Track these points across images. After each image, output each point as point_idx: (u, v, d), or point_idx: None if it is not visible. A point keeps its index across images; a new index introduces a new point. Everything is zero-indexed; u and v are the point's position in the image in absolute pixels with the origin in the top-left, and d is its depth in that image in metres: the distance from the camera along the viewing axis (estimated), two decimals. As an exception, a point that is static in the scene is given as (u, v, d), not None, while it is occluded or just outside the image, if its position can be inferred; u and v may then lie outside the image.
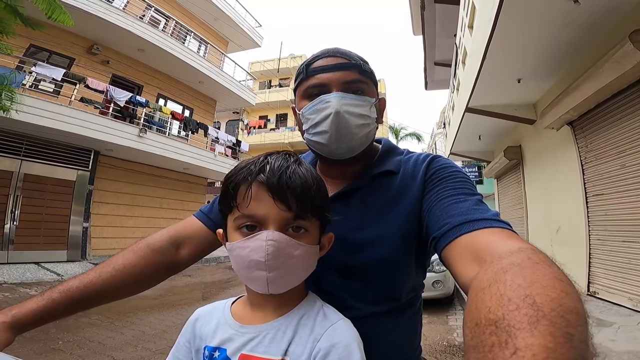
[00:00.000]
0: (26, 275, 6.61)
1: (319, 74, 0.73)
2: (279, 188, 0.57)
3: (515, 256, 0.40)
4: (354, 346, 0.56)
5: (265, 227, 0.57)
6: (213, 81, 12.39)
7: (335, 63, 0.73)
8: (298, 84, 0.78)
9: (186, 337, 0.67)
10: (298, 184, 0.58)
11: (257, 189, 0.57)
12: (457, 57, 7.69)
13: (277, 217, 0.57)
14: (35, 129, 7.39)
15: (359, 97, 0.73)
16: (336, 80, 0.72)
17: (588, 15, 3.73)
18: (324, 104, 0.71)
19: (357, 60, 0.74)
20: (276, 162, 0.60)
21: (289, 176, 0.58)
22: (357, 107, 0.72)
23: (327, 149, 0.74)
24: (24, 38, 7.59)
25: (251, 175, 0.58)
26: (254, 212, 0.57)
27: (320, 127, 0.72)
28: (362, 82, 0.74)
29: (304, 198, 0.58)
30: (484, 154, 10.97)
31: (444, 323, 4.60)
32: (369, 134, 0.75)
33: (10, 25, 5.27)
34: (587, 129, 4.86)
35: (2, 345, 0.61)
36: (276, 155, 0.63)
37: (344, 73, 0.72)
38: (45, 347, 3.28)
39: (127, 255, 0.78)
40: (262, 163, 0.60)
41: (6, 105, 5.64)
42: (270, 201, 0.57)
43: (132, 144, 8.99)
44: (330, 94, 0.71)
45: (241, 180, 0.59)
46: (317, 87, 0.73)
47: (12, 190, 7.55)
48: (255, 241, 0.56)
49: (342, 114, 0.70)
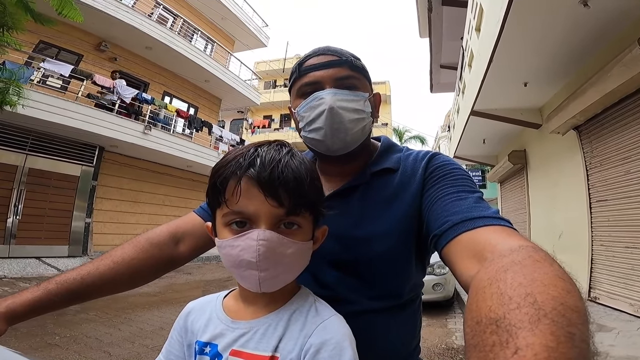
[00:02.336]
0: (27, 269, 6.64)
1: (312, 72, 0.74)
2: (270, 183, 0.53)
3: (516, 254, 0.39)
4: (345, 343, 0.54)
5: (255, 224, 0.55)
6: (219, 80, 12.45)
7: (326, 61, 0.73)
8: (292, 83, 0.78)
9: (178, 331, 0.66)
10: (290, 179, 0.55)
11: (247, 185, 0.54)
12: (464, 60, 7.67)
13: (268, 214, 0.54)
14: (41, 124, 7.44)
15: (352, 92, 0.73)
16: (328, 77, 0.72)
17: (596, 20, 3.70)
18: (317, 101, 0.71)
19: (347, 56, 0.75)
20: (267, 154, 0.56)
21: (280, 170, 0.55)
22: (351, 102, 0.72)
23: (324, 145, 0.74)
24: (34, 34, 7.66)
25: (240, 170, 0.55)
26: (243, 209, 0.54)
27: (316, 123, 0.72)
28: (354, 77, 0.75)
29: (297, 193, 0.55)
30: (488, 158, 10.93)
31: (443, 326, 4.58)
32: (364, 128, 0.76)
33: (21, 21, 5.32)
34: (593, 134, 4.82)
35: None
36: (267, 146, 0.59)
37: (335, 70, 0.73)
38: (42, 342, 3.28)
39: (126, 248, 0.78)
40: (252, 156, 0.56)
41: (13, 100, 5.69)
42: (261, 197, 0.53)
43: (137, 141, 9.04)
44: (324, 90, 0.72)
45: (230, 175, 0.55)
46: (310, 85, 0.74)
47: (16, 185, 7.60)
48: (245, 240, 0.54)
49: (336, 110, 0.70)
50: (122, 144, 8.97)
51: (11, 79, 5.76)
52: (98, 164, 9.21)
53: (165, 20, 10.91)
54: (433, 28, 9.64)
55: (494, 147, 9.54)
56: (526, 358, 0.25)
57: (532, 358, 0.25)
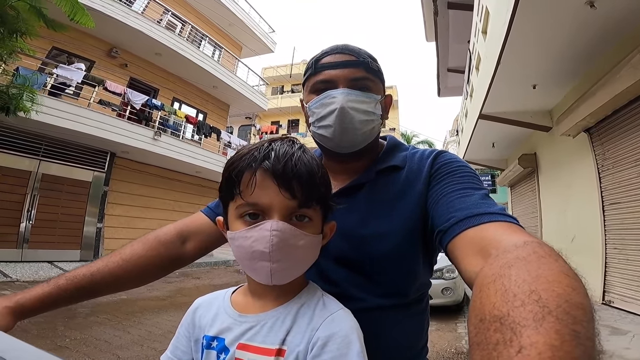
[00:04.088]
0: (39, 273, 6.71)
1: (327, 70, 0.74)
2: (284, 175, 0.55)
3: (521, 250, 0.39)
4: (353, 336, 0.54)
5: (268, 216, 0.56)
6: (227, 86, 12.55)
7: (343, 60, 0.74)
8: (307, 78, 0.79)
9: (185, 327, 0.67)
10: (303, 172, 0.57)
11: (262, 176, 0.56)
12: (471, 63, 7.64)
13: (281, 206, 0.56)
14: (54, 130, 7.57)
15: (365, 93, 0.74)
16: (343, 77, 0.73)
17: (604, 21, 3.66)
18: (329, 99, 0.73)
19: (364, 57, 0.75)
20: (281, 148, 0.58)
21: (294, 163, 0.57)
22: (362, 104, 0.73)
23: (332, 143, 0.76)
24: (47, 40, 7.80)
25: (255, 162, 0.57)
26: (258, 200, 0.56)
27: (326, 121, 0.74)
28: (369, 79, 0.75)
29: (309, 186, 0.57)
30: (497, 162, 10.83)
31: (453, 330, 4.53)
32: (373, 129, 0.77)
33: (34, 27, 5.41)
34: (605, 136, 4.76)
35: (1, 329, 0.60)
36: (280, 141, 0.61)
37: (351, 70, 0.73)
38: (52, 344, 3.32)
39: (135, 246, 0.79)
40: (266, 149, 0.58)
41: (27, 106, 5.81)
42: (275, 189, 0.55)
43: (147, 147, 9.14)
44: (337, 89, 0.73)
45: (245, 167, 0.57)
46: (324, 83, 0.75)
47: (29, 190, 7.72)
48: (259, 231, 0.55)
49: (347, 110, 0.71)
50: (133, 149, 9.09)
51: (25, 85, 5.89)
52: (109, 170, 9.34)
53: (174, 27, 11.07)
54: (439, 31, 9.64)
55: (503, 150, 9.44)
56: (530, 357, 0.25)
57: (536, 357, 0.24)
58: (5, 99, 5.50)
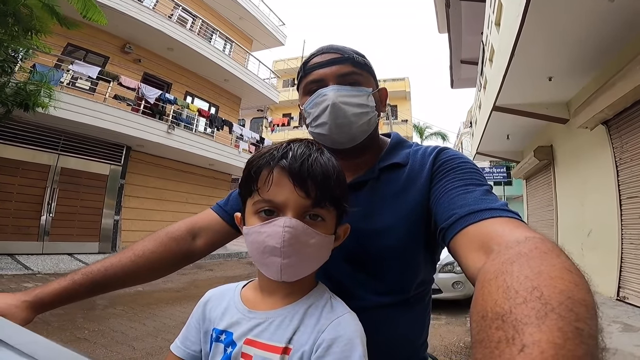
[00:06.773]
0: (59, 265, 6.89)
1: (316, 70, 0.77)
2: (300, 174, 0.58)
3: (523, 246, 0.39)
4: (356, 340, 0.56)
5: (283, 213, 0.58)
6: (238, 79, 12.58)
7: (329, 59, 0.77)
8: (299, 82, 0.82)
9: (196, 318, 0.69)
10: (319, 172, 0.59)
11: (279, 174, 0.59)
12: (484, 55, 7.49)
13: (295, 204, 0.58)
14: (72, 125, 7.73)
15: (355, 87, 0.76)
16: (331, 74, 0.76)
17: (622, 11, 3.54)
18: (321, 97, 0.75)
19: (350, 54, 0.77)
20: (299, 149, 0.61)
21: (310, 164, 0.59)
22: (353, 97, 0.75)
23: (329, 139, 0.77)
24: (62, 37, 7.94)
25: (273, 160, 0.60)
26: (273, 197, 0.58)
27: (320, 119, 0.76)
28: (357, 73, 0.77)
29: (324, 186, 0.59)
30: (512, 154, 10.62)
31: (462, 324, 4.51)
32: (369, 121, 0.78)
33: (47, 25, 5.49)
34: (623, 129, 4.63)
35: (21, 322, 0.64)
36: (299, 142, 0.64)
37: (338, 67, 0.76)
38: (71, 336, 3.43)
39: (146, 242, 0.82)
40: (285, 149, 0.62)
41: (45, 102, 5.95)
42: (291, 187, 0.58)
43: (161, 140, 9.27)
44: (327, 87, 0.75)
45: (263, 165, 0.60)
46: (314, 83, 0.77)
47: (49, 183, 7.93)
48: (272, 227, 0.57)
49: (339, 105, 0.74)
50: (148, 143, 9.23)
51: (42, 81, 6.02)
52: (126, 163, 9.51)
53: (185, 21, 11.10)
54: (452, 23, 9.46)
55: (518, 142, 9.26)
56: (532, 356, 0.24)
57: (538, 356, 0.24)
58: (24, 96, 5.64)
